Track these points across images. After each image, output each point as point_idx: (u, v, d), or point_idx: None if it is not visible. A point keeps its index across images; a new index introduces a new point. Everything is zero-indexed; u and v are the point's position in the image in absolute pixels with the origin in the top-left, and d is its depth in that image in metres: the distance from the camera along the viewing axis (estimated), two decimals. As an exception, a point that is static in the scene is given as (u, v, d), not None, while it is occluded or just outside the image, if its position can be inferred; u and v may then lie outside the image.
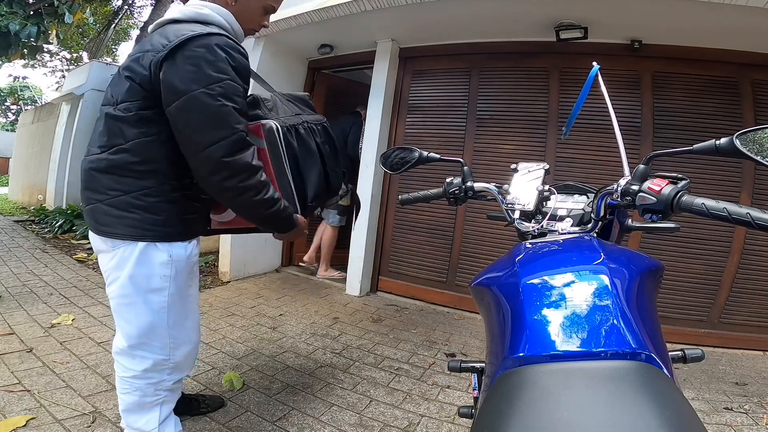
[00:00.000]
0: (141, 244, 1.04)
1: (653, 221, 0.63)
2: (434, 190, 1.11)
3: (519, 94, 2.99)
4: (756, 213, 0.51)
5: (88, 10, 5.20)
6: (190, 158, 0.99)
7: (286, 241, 1.32)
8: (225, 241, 3.36)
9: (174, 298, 1.11)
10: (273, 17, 1.38)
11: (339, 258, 3.73)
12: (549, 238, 0.76)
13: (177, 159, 1.03)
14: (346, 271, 3.34)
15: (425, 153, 1.10)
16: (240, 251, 3.39)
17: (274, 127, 1.16)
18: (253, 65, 3.55)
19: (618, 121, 0.84)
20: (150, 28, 1.10)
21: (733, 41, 2.45)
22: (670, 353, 0.56)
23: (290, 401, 1.64)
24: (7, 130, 21.43)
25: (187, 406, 1.47)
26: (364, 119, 3.39)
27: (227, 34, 1.03)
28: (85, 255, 3.84)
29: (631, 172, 0.70)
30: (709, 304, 2.57)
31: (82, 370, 1.72)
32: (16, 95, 21.48)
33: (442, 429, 1.53)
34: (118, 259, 1.05)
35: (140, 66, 0.98)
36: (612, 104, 0.88)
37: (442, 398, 1.75)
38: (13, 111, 23.06)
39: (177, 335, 1.14)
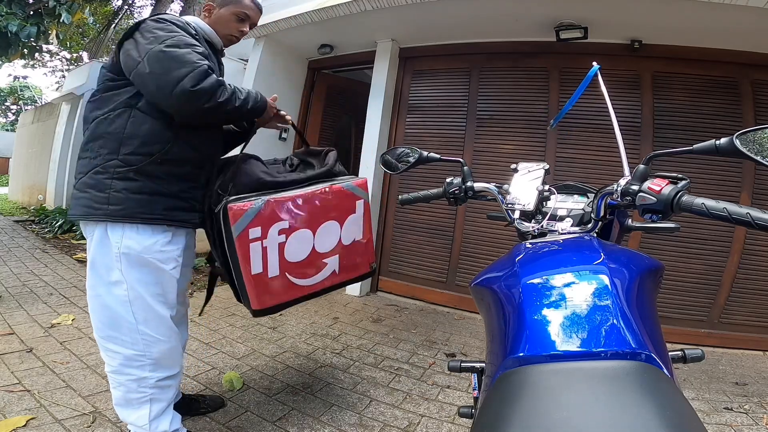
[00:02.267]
0: (98, 230, 1.09)
1: (653, 221, 0.63)
2: (434, 190, 1.11)
3: (519, 94, 2.99)
4: (756, 213, 0.51)
5: (87, 10, 5.19)
6: (166, 101, 1.04)
7: (271, 126, 1.42)
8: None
9: (136, 293, 1.09)
10: (273, 17, 1.44)
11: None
12: (549, 238, 0.76)
13: (124, 135, 1.07)
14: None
15: (425, 153, 1.10)
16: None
17: None
18: (253, 65, 3.56)
19: (618, 121, 0.84)
20: None
21: (733, 41, 2.45)
22: (670, 353, 0.55)
23: (290, 401, 1.64)
24: (7, 130, 21.40)
25: (187, 406, 1.47)
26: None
27: (182, 20, 1.17)
28: (85, 255, 3.84)
29: (631, 172, 0.70)
30: (709, 304, 2.57)
31: (82, 370, 1.72)
32: (16, 95, 21.46)
33: (442, 429, 1.53)
34: (87, 249, 1.13)
35: (112, 55, 1.14)
36: (612, 104, 0.88)
37: (442, 398, 1.75)
38: (13, 111, 23.03)
39: (148, 332, 1.12)
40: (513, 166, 0.99)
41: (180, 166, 1.13)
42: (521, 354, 0.47)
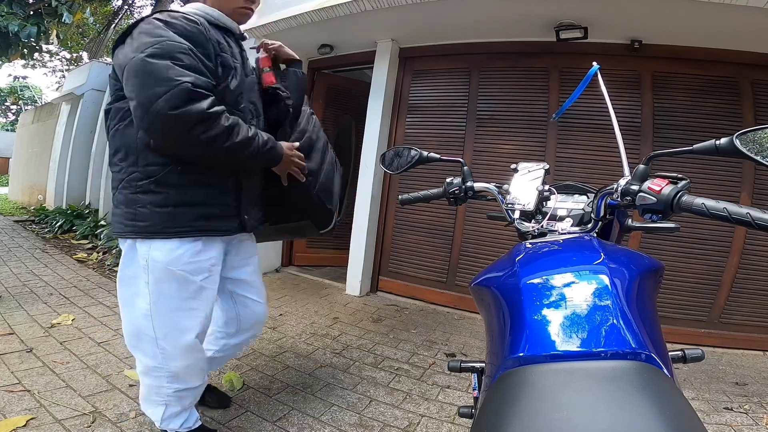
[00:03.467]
0: (127, 242, 1.08)
1: (653, 221, 0.63)
2: (434, 190, 1.11)
3: (519, 94, 2.99)
4: (756, 213, 0.51)
5: (87, 10, 5.19)
6: (143, 124, 0.92)
7: (283, 174, 1.23)
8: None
9: (158, 308, 1.07)
10: (273, 17, 1.42)
11: (339, 258, 3.73)
12: (549, 238, 0.76)
13: (138, 145, 1.01)
14: (346, 272, 3.34)
15: (425, 153, 1.10)
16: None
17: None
18: (253, 65, 3.56)
19: (618, 121, 0.84)
20: None
21: (733, 41, 2.45)
22: (670, 353, 0.55)
23: (290, 401, 1.64)
24: (7, 130, 21.39)
25: None
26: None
27: (179, 13, 1.01)
28: (85, 255, 3.84)
29: (631, 172, 0.70)
30: (709, 304, 2.57)
31: (82, 370, 1.72)
32: (16, 95, 21.45)
33: (442, 429, 1.53)
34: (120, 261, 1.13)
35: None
36: (612, 104, 0.88)
37: (442, 398, 1.75)
38: (13, 111, 23.01)
39: (166, 347, 1.10)
40: (513, 166, 0.99)
41: (201, 173, 1.05)
42: (521, 354, 0.47)
